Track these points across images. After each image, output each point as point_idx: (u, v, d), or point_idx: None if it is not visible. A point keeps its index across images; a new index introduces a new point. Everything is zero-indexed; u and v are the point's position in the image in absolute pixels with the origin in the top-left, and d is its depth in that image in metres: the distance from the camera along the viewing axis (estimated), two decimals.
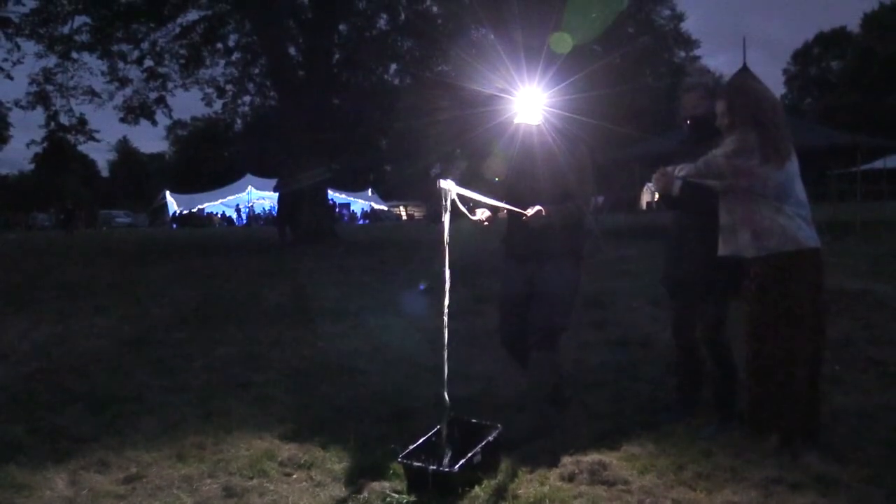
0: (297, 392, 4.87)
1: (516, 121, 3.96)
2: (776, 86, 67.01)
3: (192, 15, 21.50)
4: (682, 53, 60.42)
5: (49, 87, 21.37)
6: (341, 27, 20.92)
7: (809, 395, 3.48)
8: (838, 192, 27.97)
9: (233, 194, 53.43)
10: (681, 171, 3.67)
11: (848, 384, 4.66)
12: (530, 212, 3.72)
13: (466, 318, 7.29)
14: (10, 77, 20.42)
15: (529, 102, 3.90)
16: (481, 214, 3.83)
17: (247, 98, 25.58)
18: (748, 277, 3.49)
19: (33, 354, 6.23)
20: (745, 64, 19.51)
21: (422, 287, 9.14)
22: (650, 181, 4.00)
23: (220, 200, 53.71)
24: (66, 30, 20.17)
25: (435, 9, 17.91)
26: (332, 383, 5.11)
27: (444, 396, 3.32)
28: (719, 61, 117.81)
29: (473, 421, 3.66)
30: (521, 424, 3.85)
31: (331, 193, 27.22)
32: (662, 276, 4.20)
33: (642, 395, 4.61)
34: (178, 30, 21.58)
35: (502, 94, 4.02)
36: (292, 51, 21.17)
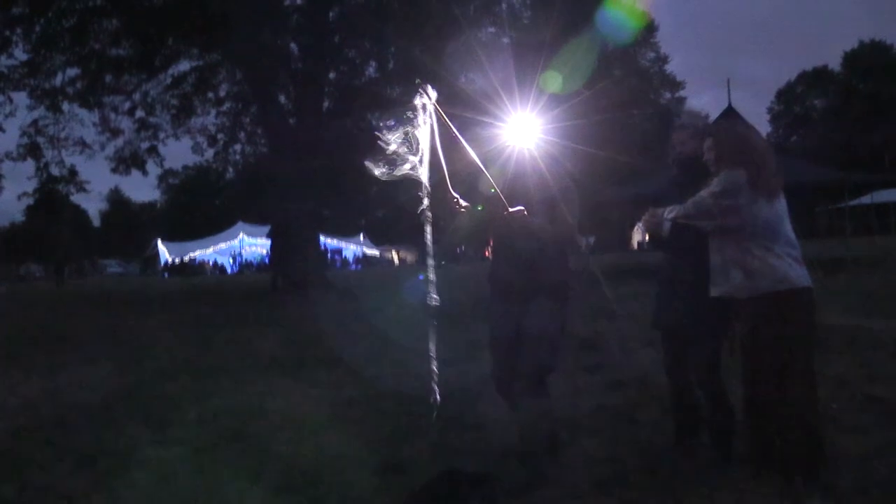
0: (292, 443, 4.79)
1: (509, 143, 3.90)
2: (761, 124, 67.98)
3: (184, 65, 21.77)
4: (668, 94, 61.34)
5: (40, 139, 21.47)
6: (331, 75, 21.18)
7: (808, 436, 3.45)
8: (827, 228, 28.18)
9: (224, 242, 53.48)
10: (670, 212, 3.69)
11: (847, 423, 4.61)
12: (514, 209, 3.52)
13: (459, 364, 7.23)
14: (1, 129, 20.54)
15: (523, 127, 3.86)
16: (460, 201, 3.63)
17: (238, 146, 25.74)
18: (741, 319, 3.48)
19: (22, 409, 6.14)
20: (730, 104, 19.83)
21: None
22: (641, 221, 3.98)
23: (213, 248, 53.72)
24: (57, 82, 20.36)
25: (424, 56, 18.18)
26: (326, 433, 5.04)
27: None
28: (704, 101, 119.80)
29: (469, 471, 3.60)
30: (518, 473, 3.79)
31: (322, 239, 27.23)
32: (654, 319, 4.19)
33: (640, 439, 4.55)
34: (169, 80, 21.81)
35: (494, 122, 3.99)
36: (283, 99, 21.37)
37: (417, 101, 2.80)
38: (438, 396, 2.49)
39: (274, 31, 19.08)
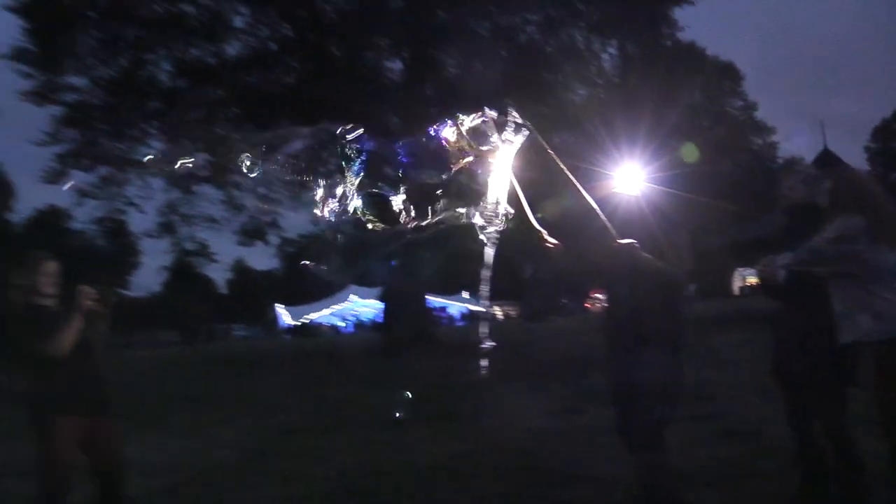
0: (418, 498, 4.78)
1: (614, 190, 3.83)
2: (859, 163, 64.31)
3: (297, 144, 22.71)
4: (759, 140, 59.28)
5: (174, 218, 22.78)
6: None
7: None
8: None
9: (337, 304, 55.12)
10: (784, 259, 3.53)
11: None
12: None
13: (572, 416, 7.09)
14: (142, 211, 21.98)
15: (629, 174, 3.78)
16: (549, 237, 3.59)
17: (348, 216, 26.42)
18: (874, 364, 3.25)
19: (168, 467, 6.37)
20: (825, 145, 19.08)
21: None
22: (743, 266, 3.82)
23: (327, 311, 55.41)
24: (188, 167, 21.65)
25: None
26: (448, 488, 4.99)
27: None
28: (797, 144, 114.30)
29: None
30: None
31: (428, 298, 27.48)
32: (773, 368, 3.98)
33: (761, 492, 4.28)
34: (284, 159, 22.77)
35: (599, 171, 3.92)
36: (388, 170, 21.93)
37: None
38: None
39: (375, 108, 19.73)
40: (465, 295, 59.29)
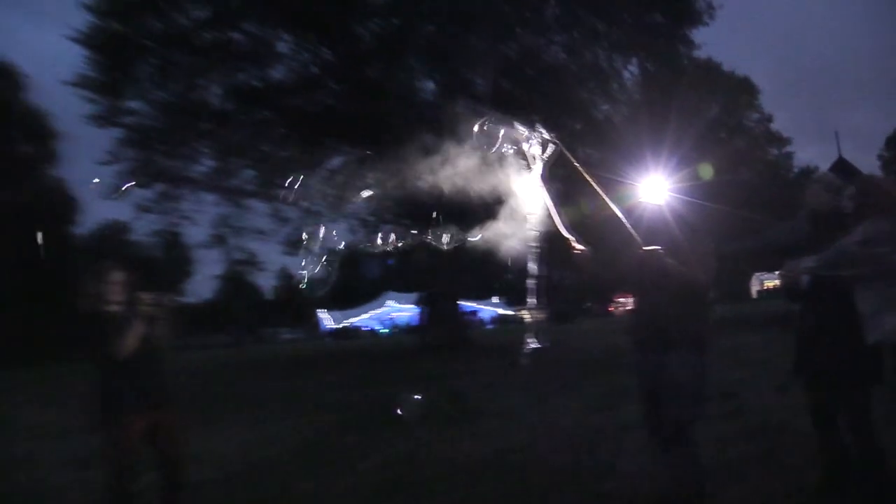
0: (461, 491, 4.75)
1: (640, 199, 3.80)
2: (872, 171, 62.96)
3: (337, 161, 22.92)
4: (775, 151, 58.27)
5: (225, 230, 23.09)
6: None
7: None
8: None
9: (375, 309, 55.61)
10: (808, 262, 3.46)
11: None
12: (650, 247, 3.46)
13: (602, 413, 7.01)
14: (196, 224, 22.33)
15: (653, 185, 3.75)
16: (577, 243, 3.64)
17: (386, 227, 26.54)
18: None
19: (221, 460, 6.40)
20: (840, 154, 18.74)
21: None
22: (760, 271, 3.75)
23: (366, 315, 55.93)
24: (238, 182, 21.97)
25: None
26: (490, 482, 4.95)
27: None
28: (811, 154, 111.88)
29: None
30: None
31: (461, 302, 27.51)
32: (796, 367, 3.89)
33: (789, 487, 4.17)
34: (326, 174, 22.99)
35: (626, 181, 3.91)
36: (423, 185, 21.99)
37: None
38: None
39: (410, 126, 19.82)
40: (496, 300, 59.32)
